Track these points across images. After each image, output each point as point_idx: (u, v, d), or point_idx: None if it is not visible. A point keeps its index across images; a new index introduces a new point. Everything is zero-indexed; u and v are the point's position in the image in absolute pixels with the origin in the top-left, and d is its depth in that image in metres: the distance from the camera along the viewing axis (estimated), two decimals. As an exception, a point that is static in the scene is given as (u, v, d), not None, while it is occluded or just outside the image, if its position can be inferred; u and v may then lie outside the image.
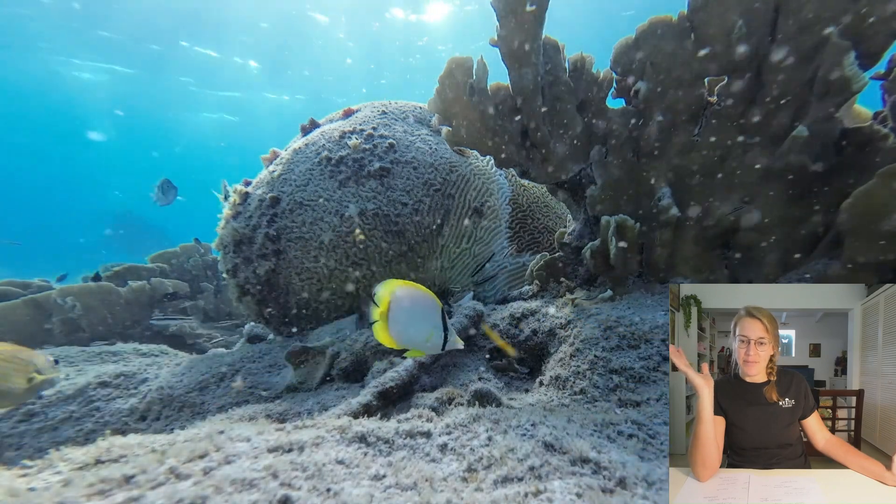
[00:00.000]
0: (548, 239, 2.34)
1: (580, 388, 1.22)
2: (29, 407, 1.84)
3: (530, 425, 0.81)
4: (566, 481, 0.63)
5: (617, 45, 1.54)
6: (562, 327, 1.50)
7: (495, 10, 1.57)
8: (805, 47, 1.28)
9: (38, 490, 0.63)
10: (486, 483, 0.64)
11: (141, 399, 1.82)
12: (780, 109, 1.36)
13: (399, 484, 0.64)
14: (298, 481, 0.61)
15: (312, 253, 2.10)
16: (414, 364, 1.36)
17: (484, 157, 2.41)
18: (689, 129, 1.51)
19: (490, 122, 1.71)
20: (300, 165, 2.24)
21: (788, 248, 1.42)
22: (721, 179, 1.48)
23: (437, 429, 0.82)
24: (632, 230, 1.52)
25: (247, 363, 1.94)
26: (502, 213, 2.29)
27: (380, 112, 2.45)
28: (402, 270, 2.18)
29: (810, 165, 1.33)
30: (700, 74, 1.45)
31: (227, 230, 2.25)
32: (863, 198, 1.16)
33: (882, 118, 1.43)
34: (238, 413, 1.37)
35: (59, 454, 0.74)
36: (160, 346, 2.75)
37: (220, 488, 0.57)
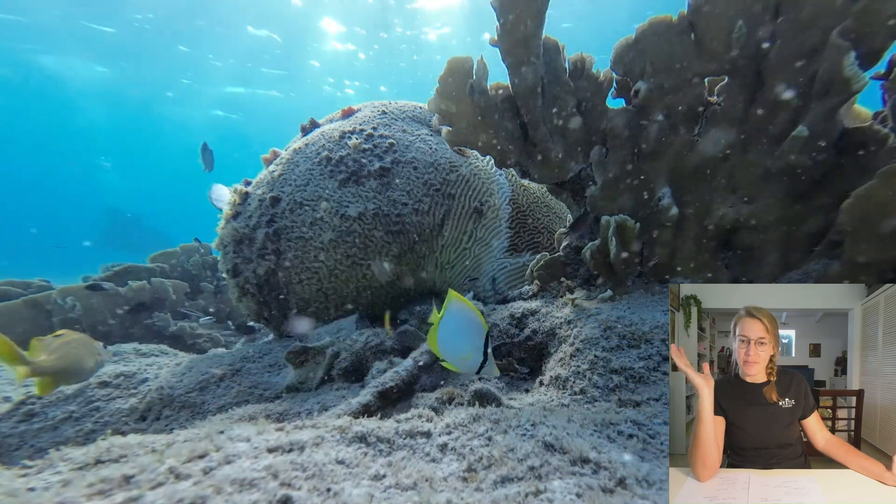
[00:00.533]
0: (548, 239, 2.34)
1: (580, 388, 1.22)
2: (29, 407, 1.84)
3: (530, 425, 0.81)
4: (566, 481, 0.63)
5: (617, 45, 1.54)
6: (562, 327, 1.50)
7: (495, 10, 1.57)
8: (805, 47, 1.28)
9: (38, 490, 0.63)
10: (486, 483, 0.64)
11: (141, 399, 1.82)
12: (780, 109, 1.36)
13: (399, 484, 0.64)
14: (298, 481, 0.61)
15: (312, 253, 2.10)
16: (414, 364, 1.36)
17: (484, 157, 2.41)
18: (689, 129, 1.51)
19: (490, 122, 1.71)
20: (300, 165, 2.24)
21: (788, 248, 1.42)
22: (721, 179, 1.48)
23: (437, 429, 0.82)
24: (632, 230, 1.52)
25: (247, 363, 1.94)
26: (502, 213, 2.29)
27: (380, 112, 2.45)
28: (402, 270, 2.18)
29: (810, 165, 1.33)
30: (700, 74, 1.45)
31: (227, 230, 2.25)
32: (863, 198, 1.16)
33: (882, 118, 1.43)
34: (238, 413, 1.37)
35: (59, 454, 0.74)
36: (160, 346, 2.76)
37: (220, 488, 0.57)
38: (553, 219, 2.44)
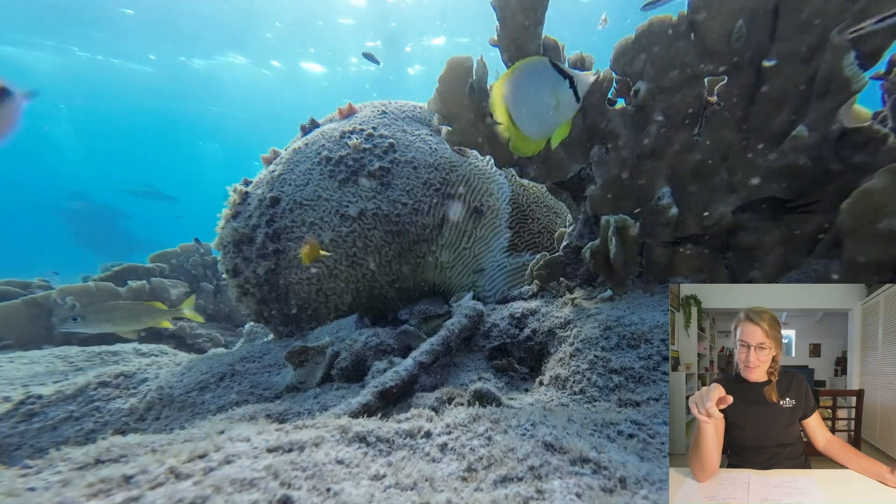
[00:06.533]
0: (548, 239, 2.34)
1: (580, 387, 1.22)
2: (29, 407, 1.84)
3: (530, 425, 0.81)
4: (566, 481, 0.63)
5: (617, 45, 1.54)
6: (562, 327, 1.50)
7: (495, 10, 1.57)
8: (805, 47, 1.28)
9: (38, 490, 0.63)
10: (485, 483, 0.64)
11: (141, 399, 1.82)
12: (780, 109, 1.36)
13: (399, 484, 0.64)
14: (298, 481, 0.61)
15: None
16: (414, 364, 1.35)
17: (484, 157, 2.41)
18: (689, 129, 1.51)
19: (490, 122, 1.70)
20: (300, 165, 2.24)
21: (788, 248, 1.42)
22: (721, 179, 1.48)
23: (437, 429, 0.82)
24: (632, 230, 1.52)
25: (247, 363, 1.94)
26: (502, 213, 2.29)
27: (380, 112, 2.45)
28: (402, 270, 2.18)
29: (810, 165, 1.33)
30: (700, 74, 1.45)
31: (226, 230, 2.25)
32: (863, 198, 1.16)
33: (882, 118, 1.43)
34: (238, 413, 1.37)
35: (59, 454, 0.74)
36: (160, 345, 2.76)
37: (220, 488, 0.57)
38: (553, 219, 2.44)
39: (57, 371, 2.26)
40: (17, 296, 3.59)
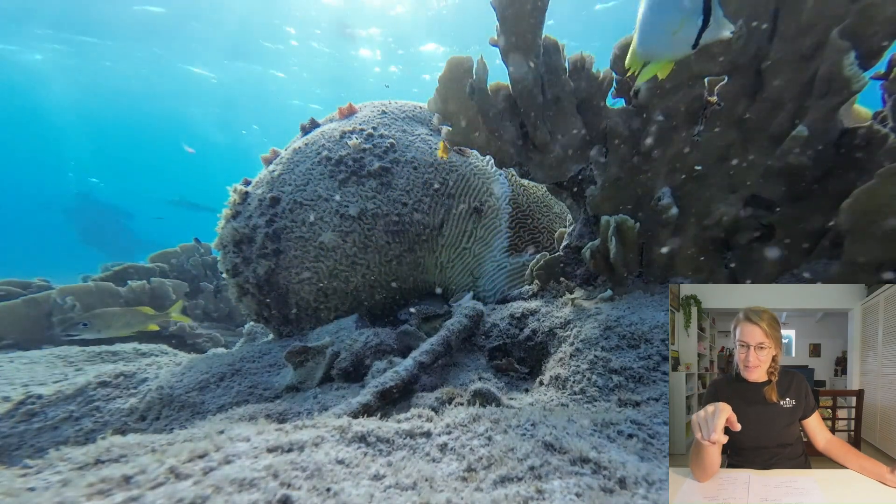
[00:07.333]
0: (548, 239, 2.34)
1: (580, 387, 1.21)
2: (29, 407, 1.84)
3: (530, 425, 0.81)
4: (566, 481, 0.63)
5: (617, 45, 1.54)
6: (562, 327, 1.50)
7: (495, 10, 1.57)
8: (805, 47, 1.28)
9: (38, 490, 0.63)
10: (485, 483, 0.64)
11: (141, 399, 1.82)
12: (779, 109, 1.36)
13: (399, 484, 0.64)
14: (298, 481, 0.61)
15: (312, 252, 2.10)
16: (414, 364, 1.35)
17: (484, 157, 2.40)
18: (689, 129, 1.51)
19: (490, 122, 1.70)
20: (300, 165, 2.24)
21: (788, 248, 1.42)
22: (721, 179, 1.48)
23: (437, 429, 0.82)
24: (632, 230, 1.52)
25: (247, 363, 1.94)
26: (502, 213, 2.29)
27: (380, 112, 2.45)
28: (402, 270, 2.18)
29: (810, 165, 1.33)
30: (700, 74, 1.45)
31: (226, 230, 2.25)
32: (863, 198, 1.16)
33: (882, 118, 1.43)
34: (238, 413, 1.37)
35: (59, 454, 0.74)
36: (160, 345, 2.75)
37: (220, 488, 0.57)
38: (553, 219, 2.44)
39: (57, 371, 2.27)
40: (17, 296, 3.59)
